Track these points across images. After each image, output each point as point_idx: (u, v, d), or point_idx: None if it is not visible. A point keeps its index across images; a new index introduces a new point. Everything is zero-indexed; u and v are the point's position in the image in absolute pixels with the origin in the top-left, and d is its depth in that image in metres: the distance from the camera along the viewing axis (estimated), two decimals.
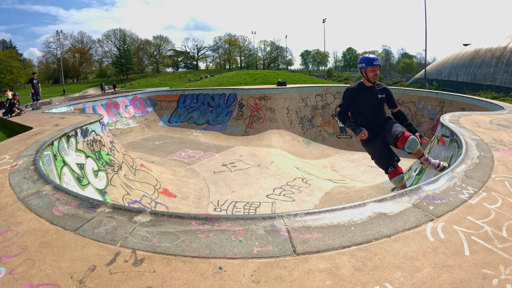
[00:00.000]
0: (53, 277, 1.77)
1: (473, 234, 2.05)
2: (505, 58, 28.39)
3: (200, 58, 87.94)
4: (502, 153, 3.63)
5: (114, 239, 2.11)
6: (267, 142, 12.55)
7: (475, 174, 2.96)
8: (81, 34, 77.19)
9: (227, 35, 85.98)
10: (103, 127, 7.68)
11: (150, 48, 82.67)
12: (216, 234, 2.14)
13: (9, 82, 50.90)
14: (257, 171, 9.38)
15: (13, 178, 3.34)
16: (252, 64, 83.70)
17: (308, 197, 7.64)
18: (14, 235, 2.24)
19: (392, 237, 2.04)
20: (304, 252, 1.92)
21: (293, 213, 2.34)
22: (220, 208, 7.08)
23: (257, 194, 7.78)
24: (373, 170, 10.36)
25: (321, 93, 15.32)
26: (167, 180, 8.17)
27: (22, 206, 2.68)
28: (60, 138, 5.50)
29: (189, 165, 10.17)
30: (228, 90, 16.20)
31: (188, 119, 16.08)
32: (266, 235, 2.10)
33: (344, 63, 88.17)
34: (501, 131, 4.90)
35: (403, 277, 1.68)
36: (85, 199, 2.73)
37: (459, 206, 2.38)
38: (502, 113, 7.15)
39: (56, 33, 65.45)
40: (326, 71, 67.45)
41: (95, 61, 79.54)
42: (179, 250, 1.98)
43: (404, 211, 2.33)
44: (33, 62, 72.79)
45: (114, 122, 14.68)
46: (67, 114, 10.04)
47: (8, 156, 4.25)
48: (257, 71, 38.34)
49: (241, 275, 1.75)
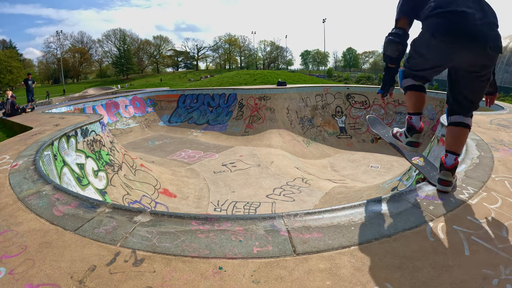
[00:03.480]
0: (53, 277, 1.77)
1: (473, 234, 2.05)
2: (505, 58, 28.40)
3: (200, 58, 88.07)
4: (502, 153, 3.63)
5: (114, 239, 2.11)
6: (267, 142, 12.55)
7: (475, 174, 2.96)
8: (81, 34, 77.38)
9: (227, 35, 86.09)
10: (103, 127, 7.68)
11: (150, 48, 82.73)
12: (216, 234, 2.14)
13: (9, 82, 50.90)
14: (257, 171, 9.38)
15: (13, 178, 3.34)
16: (252, 64, 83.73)
17: (308, 197, 7.64)
18: (14, 235, 2.24)
19: (392, 237, 2.03)
20: (304, 252, 1.92)
21: (293, 213, 2.34)
22: (220, 208, 7.08)
23: (257, 194, 7.79)
24: (373, 170, 10.36)
25: (321, 93, 15.32)
26: (167, 180, 8.17)
27: (22, 206, 2.68)
28: (60, 138, 5.50)
29: (189, 165, 10.16)
30: (228, 90, 16.21)
31: (188, 119, 16.08)
32: (266, 235, 2.10)
33: (344, 63, 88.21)
34: (501, 131, 4.90)
35: (403, 277, 1.68)
36: (85, 199, 2.73)
37: (459, 206, 2.37)
38: (502, 113, 7.15)
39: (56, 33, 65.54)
40: (326, 71, 67.46)
41: (95, 61, 79.66)
42: (179, 250, 1.98)
43: (404, 211, 2.32)
44: (33, 62, 72.88)
45: (114, 122, 14.69)
46: (67, 114, 10.04)
47: (8, 156, 4.25)
48: (257, 71, 38.36)
49: (241, 275, 1.75)
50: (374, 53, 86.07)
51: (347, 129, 14.20)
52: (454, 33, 2.08)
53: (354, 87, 16.15)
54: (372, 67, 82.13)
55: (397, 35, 2.42)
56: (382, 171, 10.13)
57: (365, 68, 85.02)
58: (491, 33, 2.07)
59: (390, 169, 10.17)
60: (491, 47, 2.06)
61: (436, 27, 2.13)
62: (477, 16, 2.05)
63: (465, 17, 2.06)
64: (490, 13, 2.11)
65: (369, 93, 14.82)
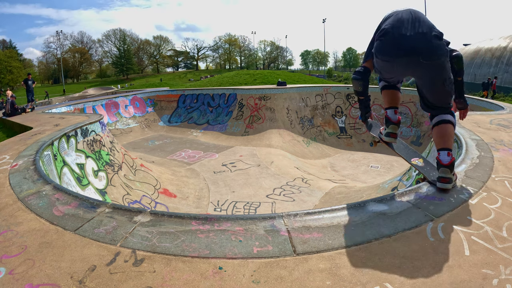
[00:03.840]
0: (53, 277, 1.77)
1: (473, 234, 2.05)
2: (505, 58, 28.37)
3: (200, 58, 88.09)
4: (502, 153, 3.63)
5: (114, 239, 2.11)
6: (267, 142, 12.55)
7: (475, 174, 2.96)
8: (81, 34, 77.39)
9: (227, 35, 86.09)
10: (103, 127, 7.68)
11: (150, 48, 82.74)
12: (216, 234, 2.14)
13: (9, 82, 50.91)
14: (257, 171, 9.38)
15: (13, 178, 3.34)
16: (252, 64, 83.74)
17: (308, 197, 7.64)
18: (14, 235, 2.24)
19: (392, 237, 2.03)
20: (304, 252, 1.92)
21: (293, 213, 2.34)
22: (220, 208, 7.08)
23: (257, 194, 7.79)
24: (373, 170, 10.37)
25: (321, 93, 15.31)
26: (167, 180, 8.17)
27: (22, 206, 2.68)
28: (60, 138, 5.50)
29: (189, 165, 10.17)
30: (228, 90, 16.20)
31: (188, 119, 16.08)
32: (266, 235, 2.10)
33: (344, 63, 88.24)
34: (501, 131, 4.90)
35: (403, 277, 1.68)
36: (85, 199, 2.73)
37: (459, 206, 2.37)
38: (502, 113, 7.15)
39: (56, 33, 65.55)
40: (326, 71, 67.46)
41: (95, 61, 79.65)
42: (179, 250, 1.98)
43: (404, 211, 2.32)
44: (33, 62, 72.88)
45: (114, 122, 14.68)
46: (67, 114, 10.04)
47: (8, 156, 4.25)
48: (257, 71, 38.35)
49: (241, 275, 1.75)
50: None
51: (347, 129, 14.20)
52: (388, 52, 2.45)
53: None
54: None
55: (358, 72, 2.82)
56: (382, 171, 10.13)
57: None
58: (422, 45, 2.33)
59: (390, 169, 10.17)
60: (424, 57, 2.33)
61: (376, 49, 2.53)
62: (408, 33, 2.35)
63: (395, 37, 2.39)
64: (423, 27, 2.36)
65: (369, 93, 14.78)
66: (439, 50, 2.34)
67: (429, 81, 2.52)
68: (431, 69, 2.41)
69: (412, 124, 12.94)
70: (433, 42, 2.32)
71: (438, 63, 2.37)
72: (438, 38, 2.34)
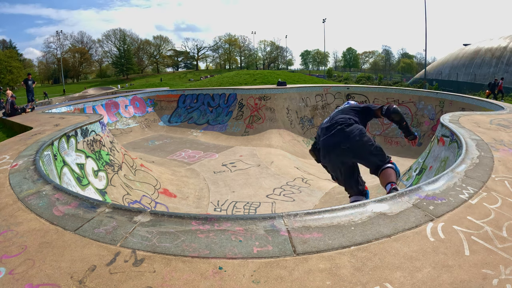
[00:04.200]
0: (53, 277, 1.77)
1: (473, 234, 2.05)
2: (505, 58, 28.39)
3: (200, 58, 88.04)
4: (502, 153, 3.63)
5: (114, 239, 2.11)
6: (267, 142, 12.55)
7: (475, 174, 2.97)
8: (81, 34, 77.30)
9: (227, 35, 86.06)
10: (103, 127, 7.68)
11: (150, 48, 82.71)
12: (216, 234, 2.14)
13: (9, 82, 50.90)
14: (257, 171, 9.38)
15: (13, 178, 3.34)
16: (252, 64, 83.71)
17: (308, 197, 7.64)
18: (14, 235, 2.24)
19: (392, 237, 2.04)
20: (304, 252, 1.92)
21: (293, 213, 2.34)
22: (220, 208, 7.08)
23: (257, 194, 7.78)
24: None
25: (321, 93, 15.32)
26: (167, 180, 8.17)
27: (22, 206, 2.68)
28: (60, 138, 5.50)
29: (189, 165, 10.17)
30: (228, 90, 16.19)
31: (188, 119, 16.07)
32: (266, 235, 2.10)
33: (344, 63, 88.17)
34: (501, 131, 4.90)
35: (403, 277, 1.68)
36: (85, 199, 2.73)
37: (459, 206, 2.38)
38: (502, 113, 7.15)
39: (56, 33, 65.50)
40: (326, 71, 67.44)
41: (95, 61, 79.60)
42: (179, 250, 1.98)
43: (404, 211, 2.33)
44: (33, 62, 72.85)
45: (114, 122, 14.68)
46: (67, 114, 10.04)
47: (8, 156, 4.25)
48: (257, 71, 38.35)
49: (241, 275, 1.75)
50: (374, 53, 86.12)
51: None
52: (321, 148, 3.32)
53: (354, 87, 16.16)
54: (372, 67, 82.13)
55: (314, 144, 3.59)
56: None
57: (365, 68, 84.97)
58: (341, 137, 3.08)
59: None
60: (344, 145, 3.06)
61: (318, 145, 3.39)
62: (333, 130, 3.15)
63: (323, 136, 3.24)
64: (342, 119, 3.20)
65: (369, 93, 14.82)
66: (353, 137, 3.08)
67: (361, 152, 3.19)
68: (354, 150, 3.12)
69: (412, 124, 12.94)
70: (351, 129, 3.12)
71: (358, 142, 3.07)
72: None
